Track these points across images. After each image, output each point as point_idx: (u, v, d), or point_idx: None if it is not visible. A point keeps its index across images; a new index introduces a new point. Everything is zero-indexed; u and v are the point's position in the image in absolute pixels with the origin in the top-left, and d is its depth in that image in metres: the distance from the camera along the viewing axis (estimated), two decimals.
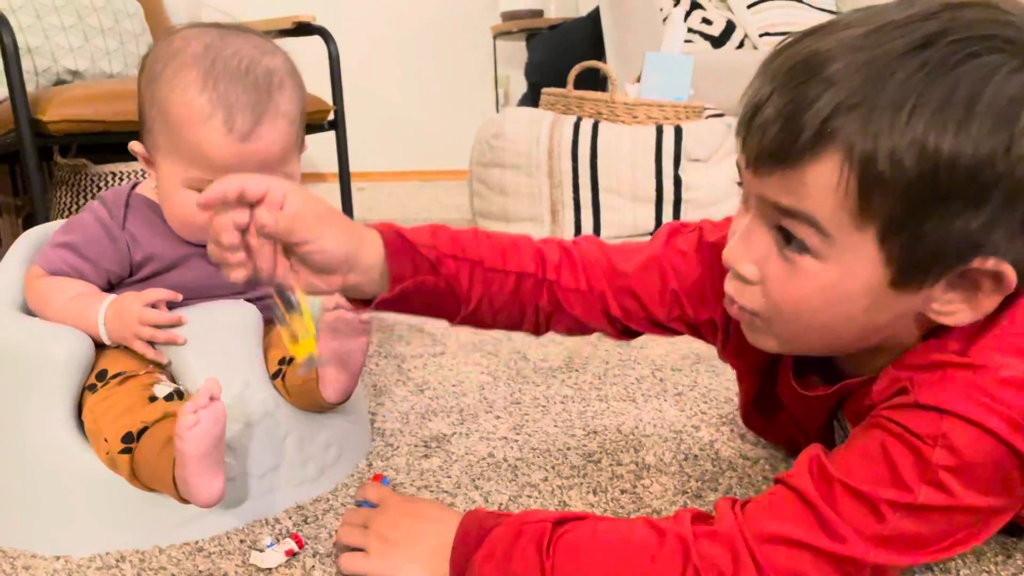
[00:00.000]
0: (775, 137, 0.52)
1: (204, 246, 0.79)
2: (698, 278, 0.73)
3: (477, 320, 0.71)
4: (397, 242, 0.65)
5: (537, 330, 0.74)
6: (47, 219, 1.53)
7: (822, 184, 0.51)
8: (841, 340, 0.59)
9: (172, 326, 0.74)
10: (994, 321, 0.54)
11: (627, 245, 0.76)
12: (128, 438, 0.67)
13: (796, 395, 0.69)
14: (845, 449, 0.56)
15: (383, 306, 0.66)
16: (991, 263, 0.50)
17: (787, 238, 0.55)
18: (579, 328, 0.75)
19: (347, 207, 2.05)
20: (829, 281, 0.54)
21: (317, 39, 1.97)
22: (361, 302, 0.67)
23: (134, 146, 0.79)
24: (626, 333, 0.76)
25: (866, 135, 0.48)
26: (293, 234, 0.59)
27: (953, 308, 0.54)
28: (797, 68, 0.51)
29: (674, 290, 0.73)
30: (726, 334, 0.73)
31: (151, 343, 0.74)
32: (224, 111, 0.72)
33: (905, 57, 0.48)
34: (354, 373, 0.75)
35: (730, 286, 0.60)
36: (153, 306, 0.74)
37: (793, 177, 0.52)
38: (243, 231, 0.59)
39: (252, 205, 0.59)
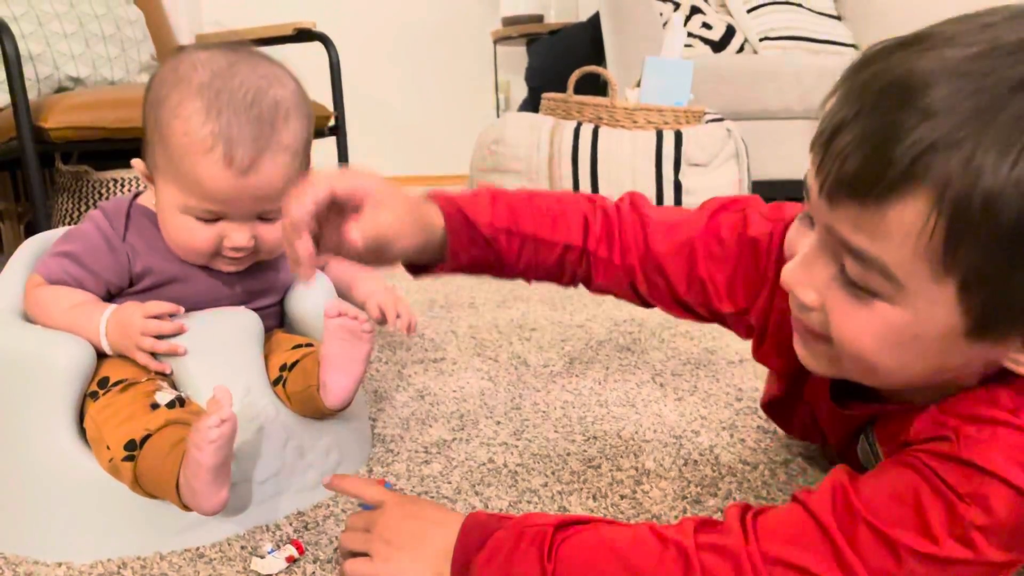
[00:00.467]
0: (858, 167, 0.46)
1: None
2: (729, 270, 0.71)
3: (517, 278, 0.75)
4: (459, 222, 0.69)
5: (569, 286, 0.77)
6: (49, 226, 1.53)
7: (903, 227, 0.45)
8: (903, 377, 0.54)
9: (173, 335, 0.75)
10: None
11: (669, 218, 0.75)
12: (131, 445, 0.67)
13: (830, 409, 0.68)
14: (874, 482, 0.53)
15: (433, 275, 0.70)
16: None
17: (852, 278, 0.50)
18: (606, 293, 0.77)
19: None
20: (897, 323, 0.49)
21: (318, 45, 1.98)
22: (412, 267, 0.70)
23: (136, 163, 0.79)
24: (649, 305, 0.78)
25: (963, 177, 0.43)
26: (373, 247, 0.60)
27: None
28: (890, 89, 0.45)
29: (701, 278, 0.72)
30: (762, 335, 0.72)
31: (152, 354, 0.74)
32: (225, 144, 0.71)
33: (1018, 91, 0.43)
34: (355, 379, 0.75)
35: (794, 307, 0.57)
36: (155, 317, 0.74)
37: (869, 215, 0.46)
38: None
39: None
